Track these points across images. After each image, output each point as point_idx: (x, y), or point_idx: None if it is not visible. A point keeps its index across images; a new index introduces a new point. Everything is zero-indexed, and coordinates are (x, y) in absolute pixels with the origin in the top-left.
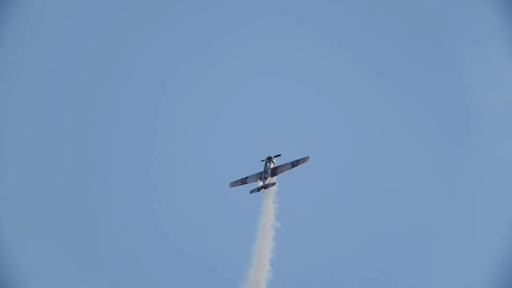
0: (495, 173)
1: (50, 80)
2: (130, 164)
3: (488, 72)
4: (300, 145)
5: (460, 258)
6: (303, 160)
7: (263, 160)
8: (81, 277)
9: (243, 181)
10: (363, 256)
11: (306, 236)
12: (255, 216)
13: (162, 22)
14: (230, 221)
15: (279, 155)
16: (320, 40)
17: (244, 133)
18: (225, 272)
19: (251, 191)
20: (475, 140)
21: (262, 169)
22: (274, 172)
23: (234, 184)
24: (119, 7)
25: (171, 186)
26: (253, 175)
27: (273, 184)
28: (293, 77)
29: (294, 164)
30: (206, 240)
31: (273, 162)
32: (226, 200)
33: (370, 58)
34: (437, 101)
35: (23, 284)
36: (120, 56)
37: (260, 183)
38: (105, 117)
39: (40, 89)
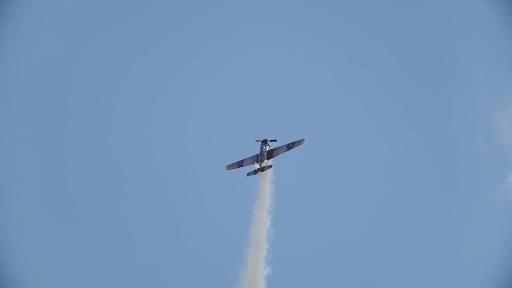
0: (486, 218)
1: (49, 80)
2: (127, 151)
3: (475, 118)
4: (295, 129)
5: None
6: (299, 142)
7: (258, 141)
8: (77, 271)
9: (240, 164)
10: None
11: (303, 219)
12: (252, 198)
13: (162, 22)
14: (227, 203)
15: (275, 140)
16: (317, 43)
17: (240, 116)
18: (222, 257)
19: (248, 174)
20: (463, 185)
21: (258, 152)
22: (270, 154)
23: (230, 167)
24: (119, 8)
25: (167, 171)
26: (249, 158)
27: (270, 166)
28: (290, 69)
29: (290, 146)
30: (203, 223)
31: (268, 144)
32: (223, 182)
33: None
34: (424, 147)
35: (25, 284)
36: (120, 56)
37: (257, 166)
38: (102, 111)
39: (39, 89)
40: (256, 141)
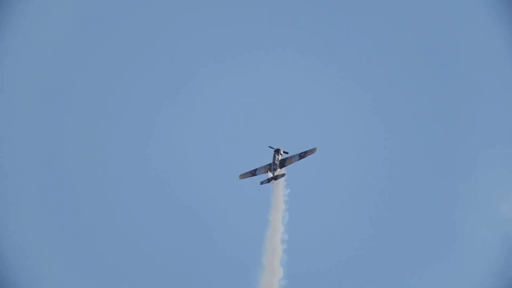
0: None
1: (50, 80)
2: (137, 158)
3: (479, 206)
4: (306, 138)
5: None
6: (311, 151)
7: (272, 148)
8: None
9: (253, 173)
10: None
11: (317, 226)
12: (266, 207)
13: (177, 32)
14: (241, 212)
15: (287, 152)
16: (328, 59)
17: (252, 126)
18: (238, 268)
19: (261, 183)
20: (467, 273)
21: (271, 161)
22: (283, 163)
23: (243, 176)
24: (122, 8)
25: (181, 180)
26: (262, 167)
27: (283, 175)
28: (298, 79)
29: (302, 155)
30: (218, 232)
31: (281, 154)
32: (237, 191)
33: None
34: (428, 235)
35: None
36: (126, 57)
37: (270, 175)
38: (111, 116)
39: (39, 89)
40: (269, 147)
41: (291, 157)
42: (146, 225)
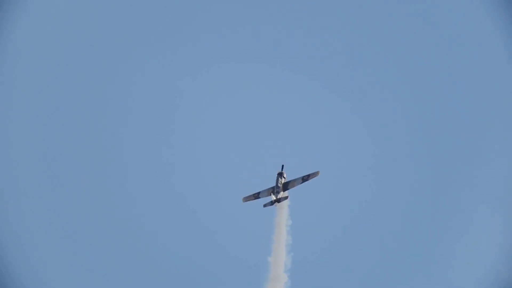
0: None
1: (50, 81)
2: (145, 178)
3: (476, 264)
4: (307, 160)
5: None
6: (314, 174)
7: (280, 172)
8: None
9: (256, 196)
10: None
11: (321, 247)
12: (270, 228)
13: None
14: (245, 233)
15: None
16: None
17: (255, 150)
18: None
19: (265, 205)
20: None
21: (274, 184)
22: (286, 186)
23: (247, 199)
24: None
25: (186, 204)
26: (265, 190)
27: (286, 197)
28: (305, 105)
29: (305, 179)
30: (223, 255)
31: (284, 177)
32: (240, 214)
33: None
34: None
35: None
36: (130, 62)
37: (273, 197)
38: (110, 120)
39: (40, 90)
40: (280, 171)
41: (294, 180)
42: (146, 229)
